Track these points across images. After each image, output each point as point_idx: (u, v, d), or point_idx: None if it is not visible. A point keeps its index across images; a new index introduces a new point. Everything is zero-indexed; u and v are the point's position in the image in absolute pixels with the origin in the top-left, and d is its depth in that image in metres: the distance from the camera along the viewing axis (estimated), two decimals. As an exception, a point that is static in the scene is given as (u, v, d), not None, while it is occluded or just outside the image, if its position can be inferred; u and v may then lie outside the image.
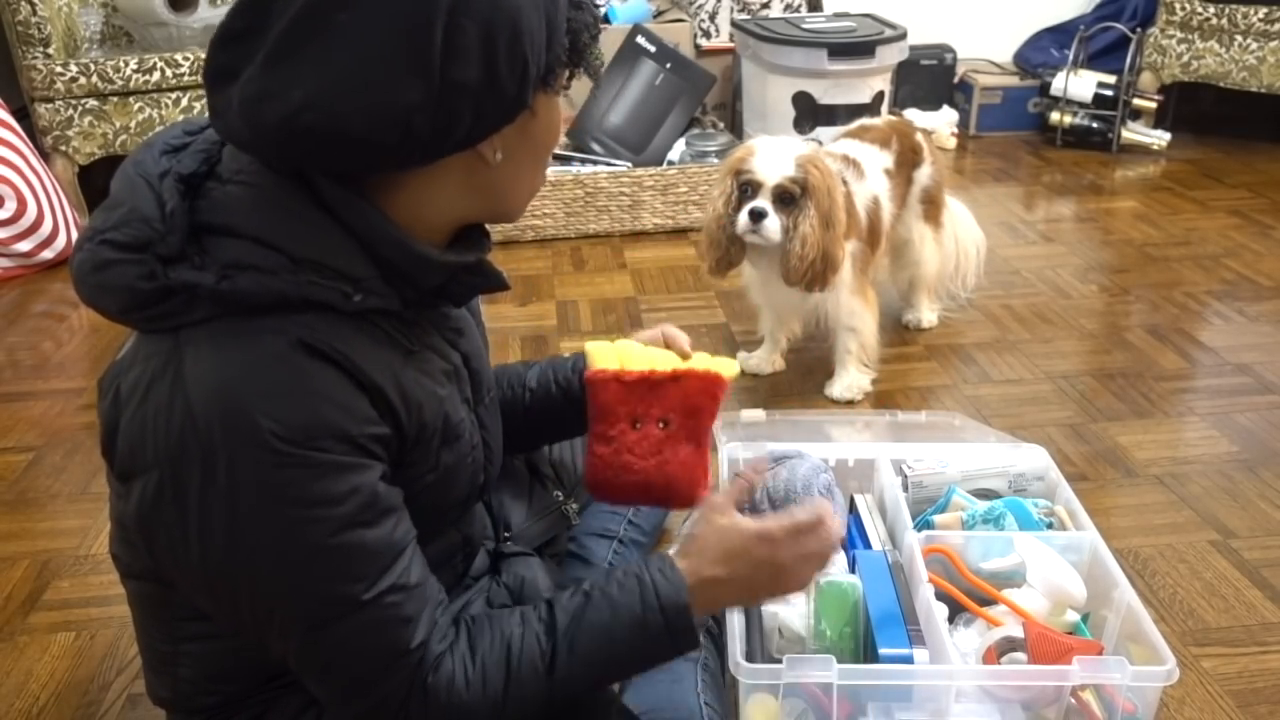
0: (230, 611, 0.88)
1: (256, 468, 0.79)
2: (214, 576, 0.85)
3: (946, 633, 1.15)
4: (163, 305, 0.81)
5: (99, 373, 2.13)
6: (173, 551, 0.85)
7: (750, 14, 3.40)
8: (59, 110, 2.78)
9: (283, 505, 0.81)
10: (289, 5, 0.75)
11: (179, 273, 0.80)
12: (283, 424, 0.79)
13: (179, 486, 0.81)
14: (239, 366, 0.80)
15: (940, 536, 1.28)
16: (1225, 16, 3.29)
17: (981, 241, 2.34)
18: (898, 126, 2.15)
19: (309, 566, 0.83)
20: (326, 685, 0.90)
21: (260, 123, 0.78)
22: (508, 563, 1.19)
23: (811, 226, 1.75)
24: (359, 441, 0.83)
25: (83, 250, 0.84)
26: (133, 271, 0.81)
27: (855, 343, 1.98)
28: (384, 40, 0.75)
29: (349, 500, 0.83)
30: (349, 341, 0.84)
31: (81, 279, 0.84)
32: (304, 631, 0.85)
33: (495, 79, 0.79)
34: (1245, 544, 1.56)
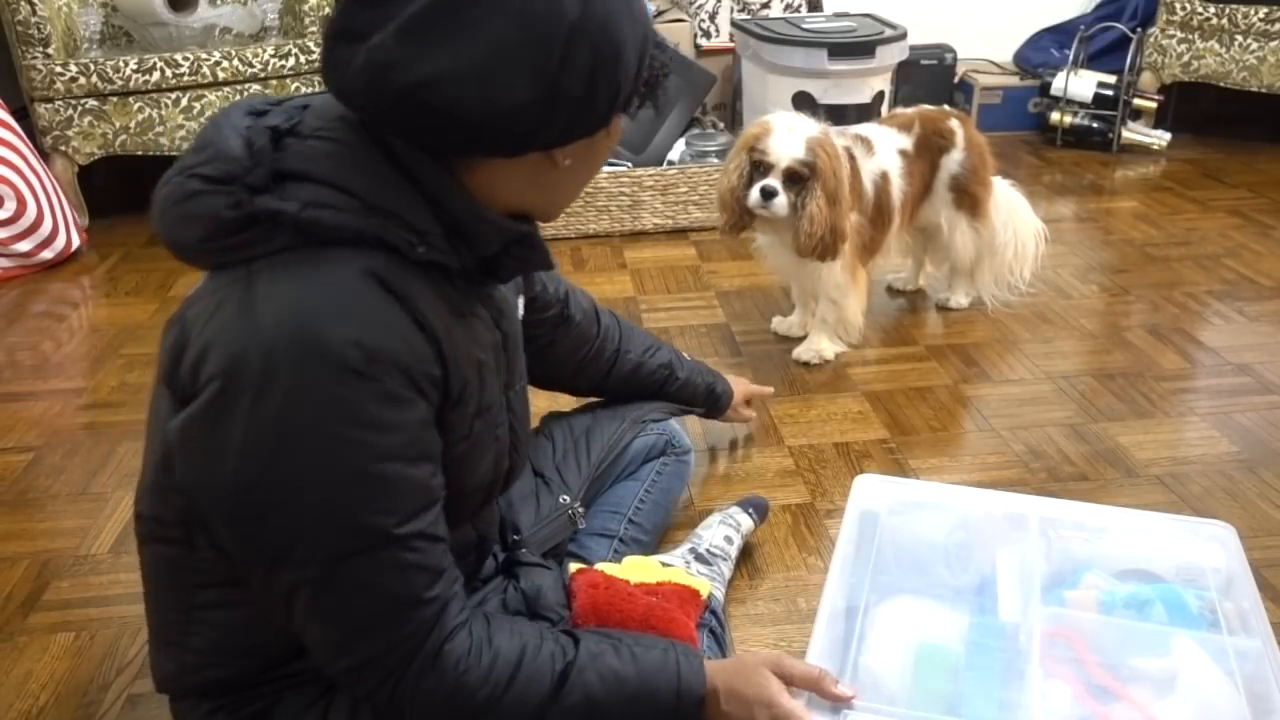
0: (251, 540, 0.87)
1: (317, 382, 0.82)
2: (247, 496, 0.85)
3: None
4: (243, 234, 0.86)
5: (99, 373, 2.15)
6: (211, 468, 0.86)
7: (750, 14, 3.40)
8: (59, 110, 2.77)
9: (334, 423, 0.83)
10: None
11: (264, 201, 0.85)
12: (351, 344, 0.83)
13: (235, 396, 0.83)
14: (313, 287, 0.84)
15: (1070, 618, 1.15)
16: (1225, 16, 3.29)
17: (1040, 232, 2.35)
18: (924, 113, 2.21)
19: (348, 489, 0.85)
20: (332, 628, 0.89)
21: (382, 86, 0.83)
22: (524, 570, 1.20)
23: (819, 205, 1.89)
24: (415, 377, 0.87)
25: (169, 184, 0.89)
26: (219, 201, 0.86)
27: (834, 314, 2.11)
28: (510, 41, 0.82)
29: (397, 432, 0.86)
30: (412, 285, 0.88)
31: (165, 210, 0.89)
32: (325, 561, 0.86)
33: (593, 96, 0.87)
34: (1246, 544, 1.55)
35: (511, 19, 0.81)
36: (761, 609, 1.44)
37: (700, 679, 1.00)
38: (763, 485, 1.72)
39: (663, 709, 0.98)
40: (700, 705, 0.99)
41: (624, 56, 0.87)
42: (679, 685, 0.99)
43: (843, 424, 1.91)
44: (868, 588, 1.23)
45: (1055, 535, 1.29)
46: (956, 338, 2.24)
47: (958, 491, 1.38)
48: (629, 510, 1.45)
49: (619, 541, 1.41)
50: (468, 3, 0.81)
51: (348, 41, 0.84)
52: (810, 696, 1.04)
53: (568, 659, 0.96)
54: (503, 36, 0.81)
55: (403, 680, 0.90)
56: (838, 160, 1.93)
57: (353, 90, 0.85)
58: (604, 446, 1.45)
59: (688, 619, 1.19)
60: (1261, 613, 1.14)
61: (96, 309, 2.47)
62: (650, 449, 1.52)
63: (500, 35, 0.81)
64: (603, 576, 1.20)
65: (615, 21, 0.86)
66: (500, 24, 0.81)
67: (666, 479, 1.51)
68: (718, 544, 1.46)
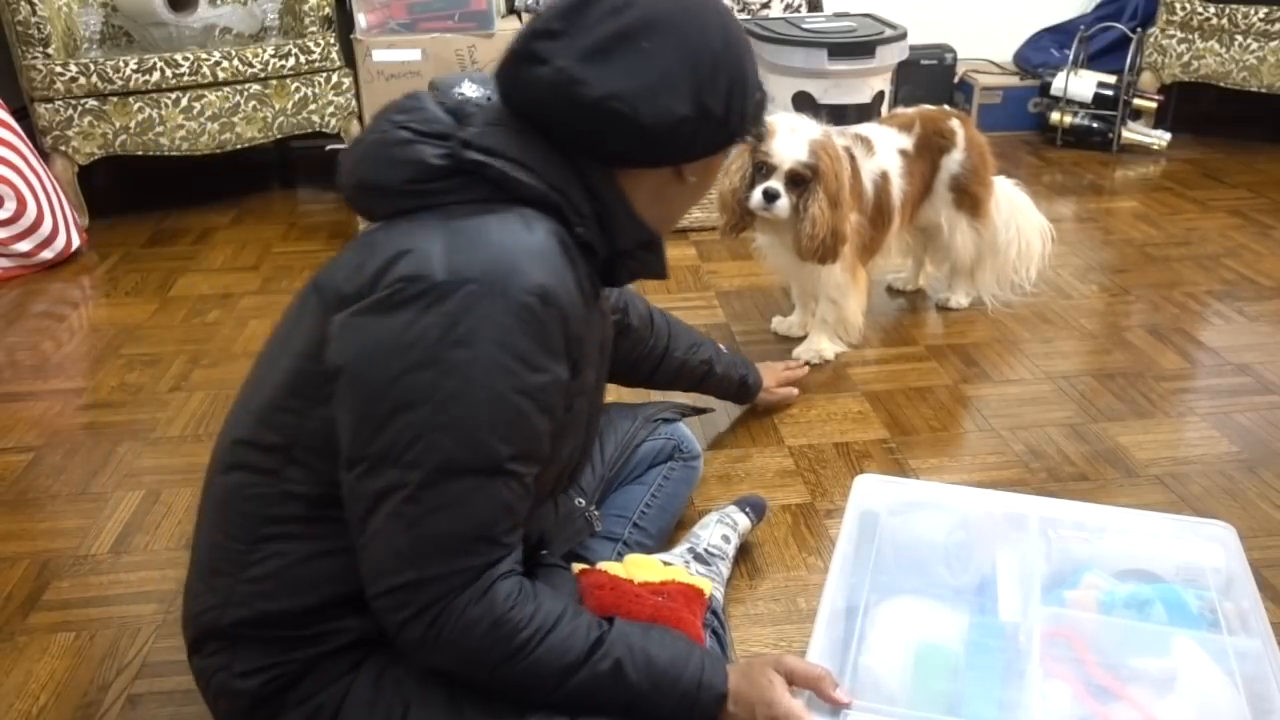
0: (372, 433, 0.92)
1: (495, 306, 0.92)
2: (391, 387, 0.91)
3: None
4: (446, 181, 0.98)
5: (99, 373, 2.15)
6: (368, 353, 0.93)
7: (750, 14, 3.40)
8: (59, 110, 2.78)
9: (494, 346, 0.92)
10: (601, 25, 0.98)
11: (473, 154, 0.98)
12: (536, 285, 0.93)
13: (416, 298, 0.92)
14: (513, 230, 0.96)
15: (1070, 618, 1.16)
16: (1225, 16, 3.29)
17: (1046, 230, 2.35)
18: (925, 113, 2.21)
19: (482, 408, 0.92)
20: (406, 537, 0.92)
21: (575, 98, 0.98)
22: (544, 572, 1.21)
23: (821, 208, 1.90)
24: (568, 337, 0.97)
25: (376, 133, 1.01)
26: (430, 150, 0.98)
27: (834, 314, 2.11)
28: (673, 67, 0.99)
29: (541, 375, 0.95)
30: (577, 258, 1.01)
31: (370, 154, 1.00)
32: (434, 467, 0.91)
33: (728, 117, 1.03)
34: (1246, 544, 1.55)
35: (673, 49, 0.99)
36: (761, 609, 1.44)
37: (722, 677, 1.03)
38: (762, 485, 1.72)
39: (684, 696, 1.01)
40: (722, 700, 1.02)
41: (748, 85, 1.04)
42: (702, 677, 1.02)
43: (843, 424, 1.91)
44: (868, 588, 1.23)
45: (1055, 535, 1.29)
46: (956, 338, 2.24)
47: (958, 491, 1.38)
48: (634, 514, 1.45)
49: (623, 545, 1.41)
50: (638, 35, 0.98)
51: (530, 65, 0.99)
52: (811, 696, 1.04)
53: (602, 629, 1.00)
54: (668, 63, 0.99)
55: (450, 606, 0.93)
56: (839, 162, 1.93)
57: (541, 103, 1.00)
58: (617, 445, 1.47)
59: (694, 618, 1.19)
60: (1261, 613, 1.14)
61: (96, 309, 2.47)
62: (658, 453, 1.51)
63: (666, 61, 0.99)
64: (607, 577, 1.20)
65: (743, 56, 1.04)
66: (665, 53, 0.99)
67: (673, 484, 1.51)
68: (715, 543, 1.46)
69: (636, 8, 0.99)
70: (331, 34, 3.03)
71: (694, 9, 1.02)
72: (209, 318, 2.40)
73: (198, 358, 2.20)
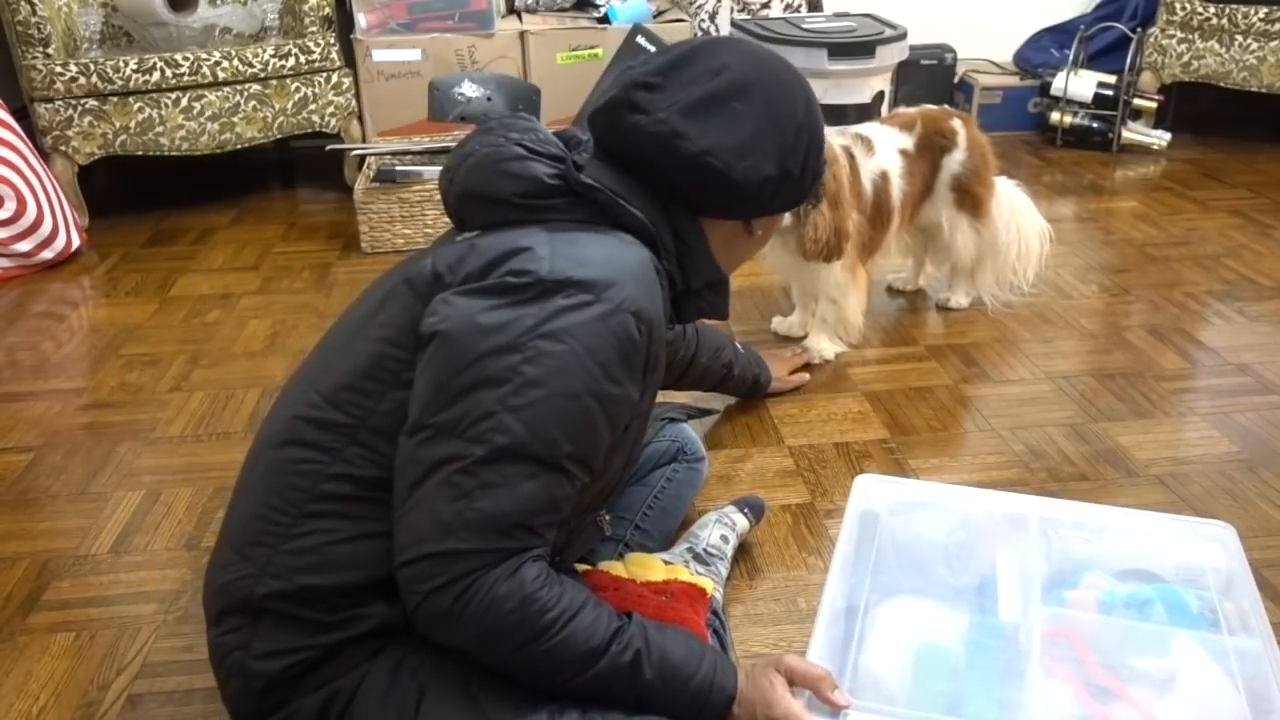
0: (447, 401, 0.96)
1: (591, 314, 0.97)
2: (476, 363, 0.96)
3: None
4: (553, 199, 1.05)
5: (99, 373, 2.15)
6: (462, 325, 0.97)
7: (750, 14, 3.40)
8: (59, 110, 2.78)
9: (580, 348, 0.96)
10: (698, 84, 1.07)
11: (584, 177, 1.05)
12: (635, 306, 0.99)
13: (522, 290, 0.97)
14: (621, 250, 1.02)
15: (1070, 618, 1.16)
16: (1225, 16, 3.29)
17: (1045, 232, 2.35)
18: (927, 113, 2.21)
19: (556, 402, 0.96)
20: (454, 507, 0.94)
21: (674, 150, 1.06)
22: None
23: (821, 212, 1.91)
24: (648, 359, 1.03)
25: (490, 146, 1.07)
26: (544, 169, 1.05)
27: (834, 314, 2.12)
28: (764, 129, 1.09)
29: (616, 387, 0.99)
30: (663, 288, 1.08)
31: (483, 163, 1.06)
32: (497, 448, 0.94)
33: (804, 178, 1.13)
34: (1246, 544, 1.55)
35: (764, 112, 1.08)
36: (761, 609, 1.44)
37: (732, 679, 1.04)
38: (763, 485, 1.72)
39: (696, 695, 1.02)
40: (731, 701, 1.03)
41: (822, 147, 1.15)
42: (714, 678, 1.03)
43: (843, 424, 1.91)
44: (868, 588, 1.23)
45: (1055, 535, 1.29)
46: (956, 338, 2.24)
47: (958, 491, 1.38)
48: (636, 516, 1.45)
49: (625, 546, 1.41)
50: (733, 97, 1.07)
51: (630, 112, 1.07)
52: (810, 697, 1.04)
53: (623, 620, 1.02)
54: (759, 124, 1.08)
55: (480, 580, 0.94)
56: (836, 164, 1.94)
57: (640, 149, 1.07)
58: None
59: (698, 618, 1.19)
60: (1261, 613, 1.14)
61: (96, 309, 2.47)
62: (661, 455, 1.51)
63: (757, 123, 1.08)
64: (610, 578, 1.20)
65: (820, 123, 1.14)
66: (757, 115, 1.08)
67: (677, 486, 1.51)
68: (714, 544, 1.46)
69: (732, 70, 1.07)
70: (331, 34, 3.03)
71: (782, 76, 1.11)
72: (209, 318, 2.40)
73: (198, 358, 2.20)
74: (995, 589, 1.24)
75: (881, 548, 1.30)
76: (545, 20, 3.27)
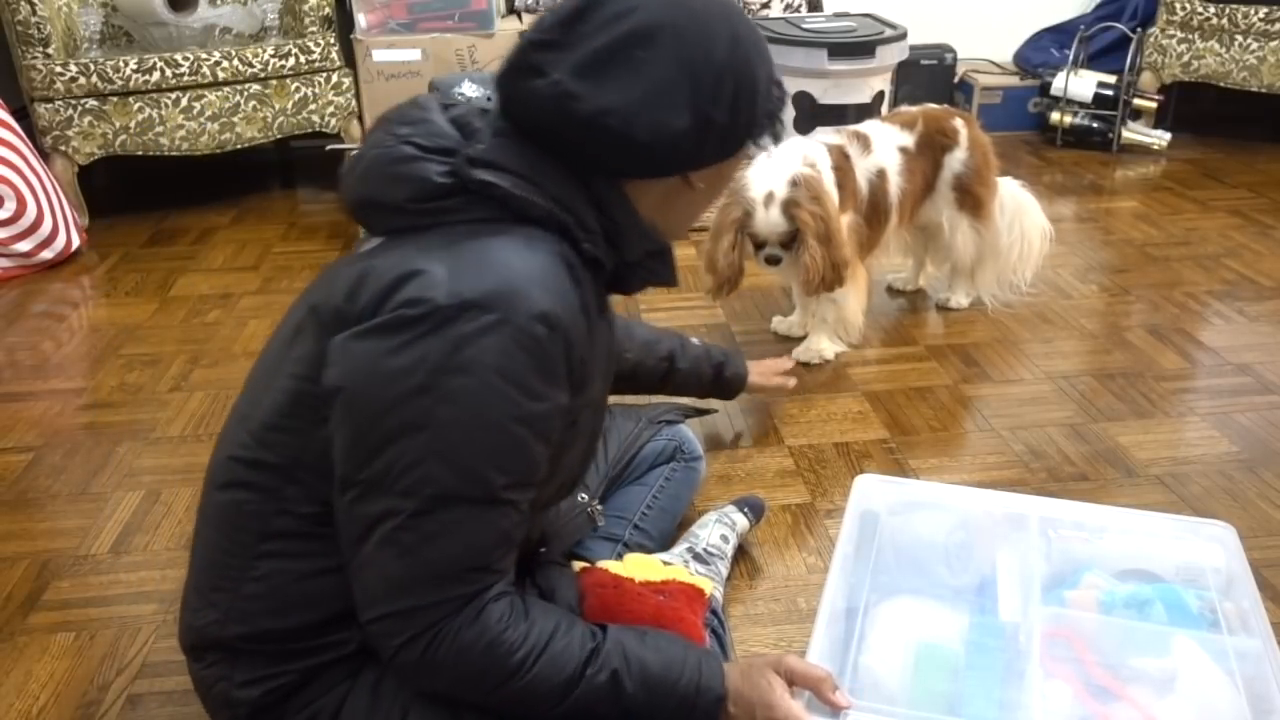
0: (368, 458, 0.91)
1: (497, 333, 0.90)
2: (388, 413, 0.90)
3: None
4: (447, 200, 0.96)
5: (99, 373, 2.15)
6: (366, 377, 0.91)
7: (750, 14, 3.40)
8: (59, 110, 2.77)
9: (494, 374, 0.90)
10: (598, 35, 0.95)
11: (480, 172, 0.95)
12: (541, 312, 0.91)
13: (418, 322, 0.90)
14: (518, 253, 0.94)
15: (1070, 618, 1.16)
16: (1225, 16, 3.29)
17: (1046, 232, 2.35)
18: (929, 111, 2.21)
19: (478, 437, 0.91)
20: (399, 565, 0.92)
21: (569, 113, 0.95)
22: (541, 570, 1.21)
23: (812, 255, 1.94)
24: (571, 360, 0.95)
25: (380, 147, 0.98)
26: (434, 167, 0.96)
27: (833, 314, 2.12)
28: (671, 78, 0.95)
29: (540, 403, 0.93)
30: (582, 276, 0.99)
31: (373, 169, 0.98)
32: (429, 497, 0.90)
33: (735, 125, 1.00)
34: (1246, 544, 1.55)
35: (671, 59, 0.95)
36: (761, 609, 1.44)
37: (719, 679, 1.03)
38: (763, 485, 1.72)
39: (683, 701, 1.01)
40: (719, 703, 1.02)
41: (758, 90, 1.00)
42: (700, 680, 1.01)
43: (843, 424, 1.91)
44: (868, 588, 1.23)
45: (1055, 535, 1.29)
46: (956, 338, 2.24)
47: (958, 491, 1.38)
48: (635, 516, 1.45)
49: (623, 546, 1.41)
50: (636, 45, 0.95)
51: (528, 76, 0.96)
52: (811, 697, 1.04)
53: (596, 640, 0.99)
54: (664, 73, 0.95)
55: (444, 630, 0.93)
56: (819, 203, 1.94)
57: (540, 117, 0.97)
58: (620, 446, 1.47)
59: (695, 617, 1.19)
60: (1261, 613, 1.14)
61: (96, 309, 2.47)
62: (659, 454, 1.51)
63: (662, 72, 0.95)
64: (610, 576, 1.20)
65: (752, 60, 0.99)
66: (662, 63, 0.95)
67: (675, 485, 1.51)
68: (714, 543, 1.46)
69: (636, 15, 0.95)
70: (331, 34, 3.03)
71: (699, 14, 0.97)
72: (209, 318, 2.40)
73: (198, 358, 2.20)
74: (995, 589, 1.24)
75: (881, 548, 1.30)
76: (545, 20, 3.26)
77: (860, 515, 1.34)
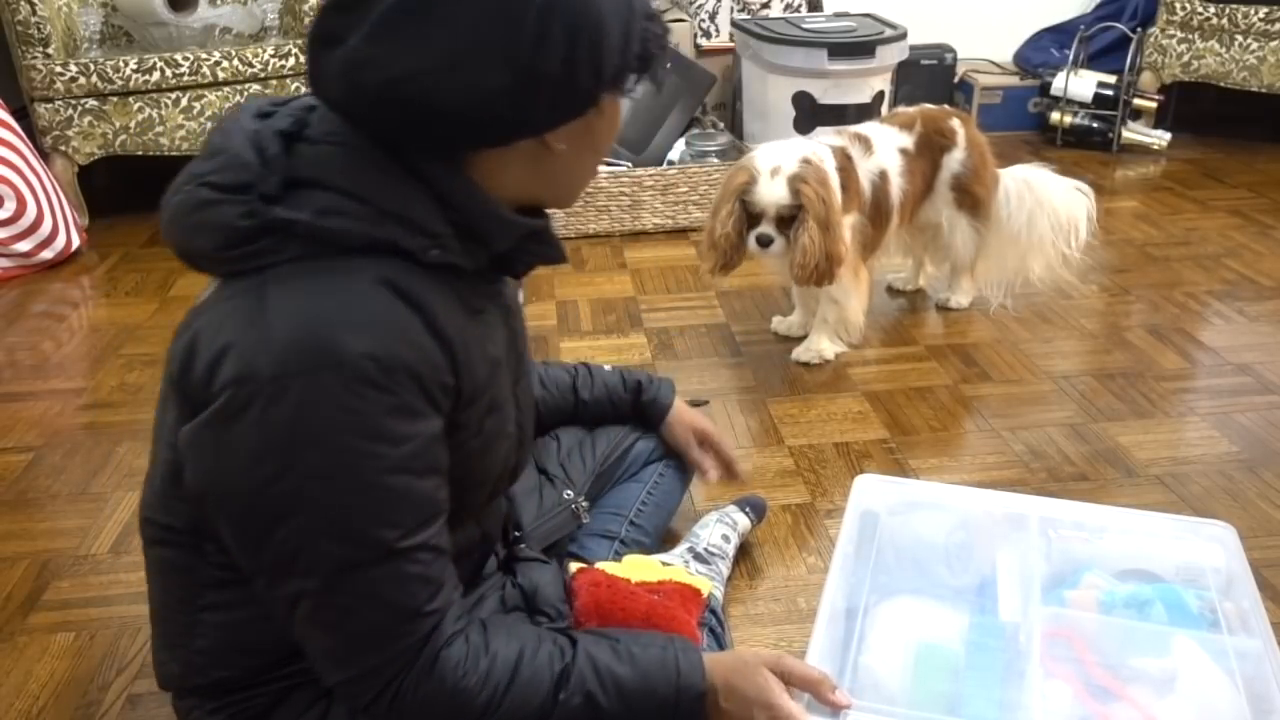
0: (257, 548, 0.87)
1: (329, 393, 0.82)
2: (254, 505, 0.85)
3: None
4: (257, 244, 0.86)
5: (99, 373, 2.14)
6: (221, 475, 0.86)
7: (750, 14, 3.40)
8: (59, 110, 2.77)
9: (345, 434, 0.83)
10: None
11: (277, 211, 0.85)
12: (365, 355, 0.82)
13: (247, 404, 0.83)
14: (328, 297, 0.84)
15: (1070, 618, 1.16)
16: (1225, 16, 3.29)
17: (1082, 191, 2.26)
18: (926, 112, 2.21)
19: (354, 501, 0.85)
20: (334, 639, 0.90)
21: (360, 87, 0.84)
22: (522, 566, 1.20)
23: (810, 238, 1.91)
24: (428, 387, 0.87)
25: (180, 193, 0.89)
26: (232, 211, 0.85)
27: (834, 314, 2.12)
28: (478, 28, 0.82)
29: (407, 443, 0.86)
30: (427, 290, 0.88)
31: (177, 220, 0.89)
32: (330, 572, 0.86)
33: (573, 75, 0.85)
34: (1246, 544, 1.55)
35: (479, 8, 0.81)
36: (761, 609, 1.44)
37: (699, 675, 1.00)
38: (763, 485, 1.72)
39: (662, 707, 0.98)
40: (700, 700, 0.99)
41: (604, 31, 0.85)
42: (678, 682, 0.99)
43: (843, 424, 1.91)
44: (868, 588, 1.23)
45: (1055, 535, 1.29)
46: (956, 338, 2.24)
47: (958, 491, 1.38)
48: (630, 512, 1.45)
49: (620, 543, 1.41)
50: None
51: (327, 48, 0.85)
52: (809, 698, 1.04)
53: (565, 661, 0.96)
54: (472, 26, 0.81)
55: (401, 690, 0.90)
56: (824, 187, 1.93)
57: (335, 94, 0.86)
58: (609, 444, 1.46)
59: (689, 617, 1.19)
60: (1261, 613, 1.13)
61: (96, 309, 2.47)
62: (652, 451, 1.51)
63: (469, 25, 0.81)
64: (604, 575, 1.20)
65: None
66: (468, 15, 0.81)
67: (669, 481, 1.51)
68: (715, 543, 1.46)
69: None
70: (331, 34, 3.02)
71: None
72: (209, 318, 2.40)
73: (198, 358, 2.20)
74: (995, 589, 1.23)
75: (881, 548, 1.29)
76: (545, 20, 3.26)
77: (860, 515, 1.34)
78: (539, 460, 1.40)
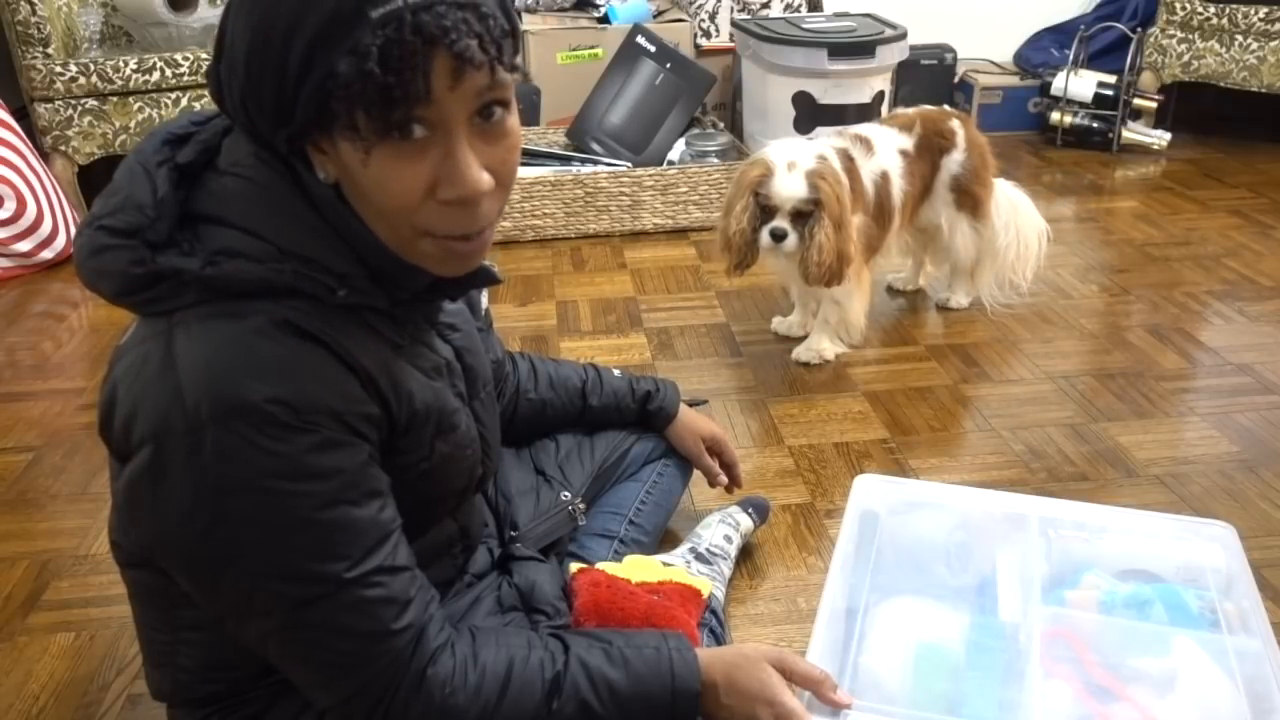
0: (212, 594, 0.87)
1: (245, 441, 0.80)
2: (197, 556, 0.84)
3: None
4: (154, 290, 0.84)
5: (99, 373, 2.14)
6: (158, 530, 0.85)
7: (750, 14, 3.40)
8: (58, 110, 2.77)
9: (270, 478, 0.81)
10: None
11: (166, 258, 0.83)
12: (271, 401, 0.80)
13: (168, 459, 0.81)
14: (227, 343, 0.82)
15: (1070, 618, 1.15)
16: (1225, 16, 3.29)
17: (1044, 232, 2.35)
18: (925, 113, 2.22)
19: (293, 541, 0.83)
20: (310, 670, 0.89)
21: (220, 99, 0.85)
22: (518, 565, 1.20)
23: (826, 235, 1.91)
24: (347, 419, 0.85)
25: (82, 235, 0.87)
26: (125, 257, 0.83)
27: (836, 315, 2.12)
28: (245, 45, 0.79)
29: (335, 477, 0.84)
30: (336, 327, 0.86)
31: (81, 263, 0.87)
32: (287, 611, 0.85)
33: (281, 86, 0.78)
34: (1246, 544, 1.55)
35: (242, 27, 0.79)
36: (761, 609, 1.44)
37: (694, 673, 0.99)
38: (763, 485, 1.72)
39: (658, 708, 0.98)
40: (696, 699, 0.99)
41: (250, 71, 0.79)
42: (673, 684, 0.98)
43: (843, 424, 1.91)
44: (868, 588, 1.23)
45: (1055, 535, 1.29)
46: (956, 338, 2.24)
47: (958, 491, 1.38)
48: (629, 511, 1.45)
49: (619, 542, 1.41)
50: (226, 18, 0.81)
51: (216, 60, 0.84)
52: (811, 696, 1.04)
53: (557, 668, 0.96)
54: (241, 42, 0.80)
55: (390, 711, 0.89)
56: (840, 185, 1.94)
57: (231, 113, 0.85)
58: (608, 445, 1.46)
59: (690, 617, 1.19)
60: (1261, 613, 1.13)
61: (96, 309, 2.47)
62: (652, 450, 1.51)
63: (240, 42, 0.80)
64: (604, 575, 1.20)
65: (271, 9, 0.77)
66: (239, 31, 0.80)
67: (668, 480, 1.51)
68: (717, 543, 1.46)
69: None
70: (331, 34, 3.02)
71: None
72: (209, 318, 2.40)
73: (198, 358, 2.20)
74: (995, 589, 1.23)
75: (881, 548, 1.29)
76: (545, 20, 3.27)
77: (860, 515, 1.34)
78: (537, 462, 1.40)
